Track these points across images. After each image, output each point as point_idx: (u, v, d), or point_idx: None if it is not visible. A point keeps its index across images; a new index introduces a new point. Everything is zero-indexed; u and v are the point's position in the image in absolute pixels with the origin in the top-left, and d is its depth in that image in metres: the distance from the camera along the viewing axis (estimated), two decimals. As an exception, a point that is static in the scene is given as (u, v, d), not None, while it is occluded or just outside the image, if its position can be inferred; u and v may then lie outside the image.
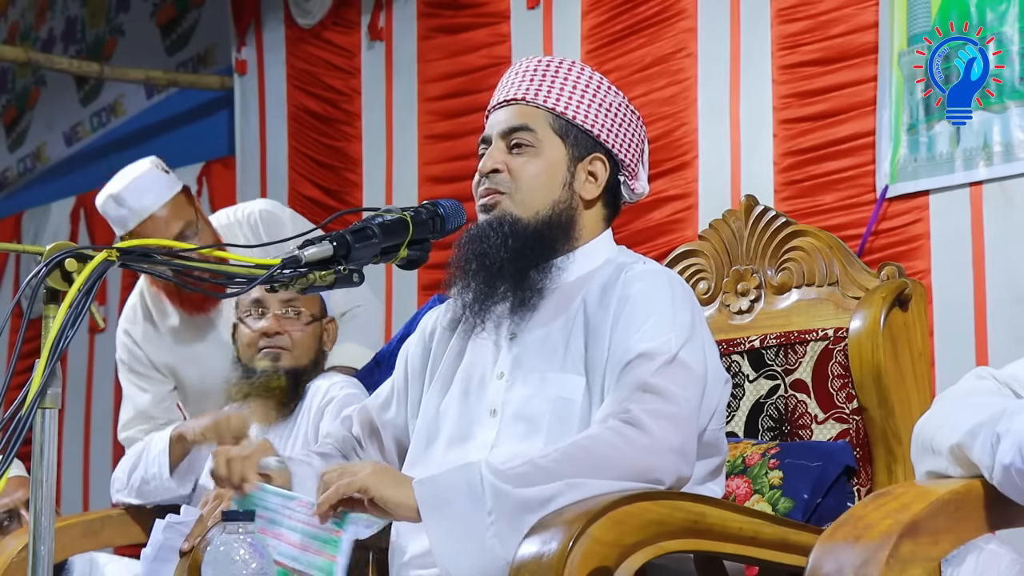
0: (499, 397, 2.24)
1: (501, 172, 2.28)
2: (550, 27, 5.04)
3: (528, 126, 2.29)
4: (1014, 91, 3.66)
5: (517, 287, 2.25)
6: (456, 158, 5.31)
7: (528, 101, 2.31)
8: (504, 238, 2.24)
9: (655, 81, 4.68)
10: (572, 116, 2.29)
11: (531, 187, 2.27)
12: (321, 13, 5.89)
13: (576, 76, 2.32)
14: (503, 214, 2.26)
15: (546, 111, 2.30)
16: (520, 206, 2.27)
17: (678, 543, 2.00)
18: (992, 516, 1.73)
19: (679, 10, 4.64)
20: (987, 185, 3.81)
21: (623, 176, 2.34)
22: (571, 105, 2.30)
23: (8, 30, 7.84)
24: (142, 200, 3.59)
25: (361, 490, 2.00)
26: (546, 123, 2.30)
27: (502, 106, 2.34)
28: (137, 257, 1.84)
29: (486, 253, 2.25)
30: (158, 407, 3.71)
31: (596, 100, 2.31)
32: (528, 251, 2.25)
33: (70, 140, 7.51)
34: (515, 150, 2.29)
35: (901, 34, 3.95)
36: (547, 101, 2.30)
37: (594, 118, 2.30)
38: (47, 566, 1.72)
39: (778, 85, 4.35)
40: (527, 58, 2.38)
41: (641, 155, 2.37)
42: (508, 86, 2.35)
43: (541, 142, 2.29)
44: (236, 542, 1.82)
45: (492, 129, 2.33)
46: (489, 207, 2.28)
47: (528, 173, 2.28)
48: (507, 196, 2.27)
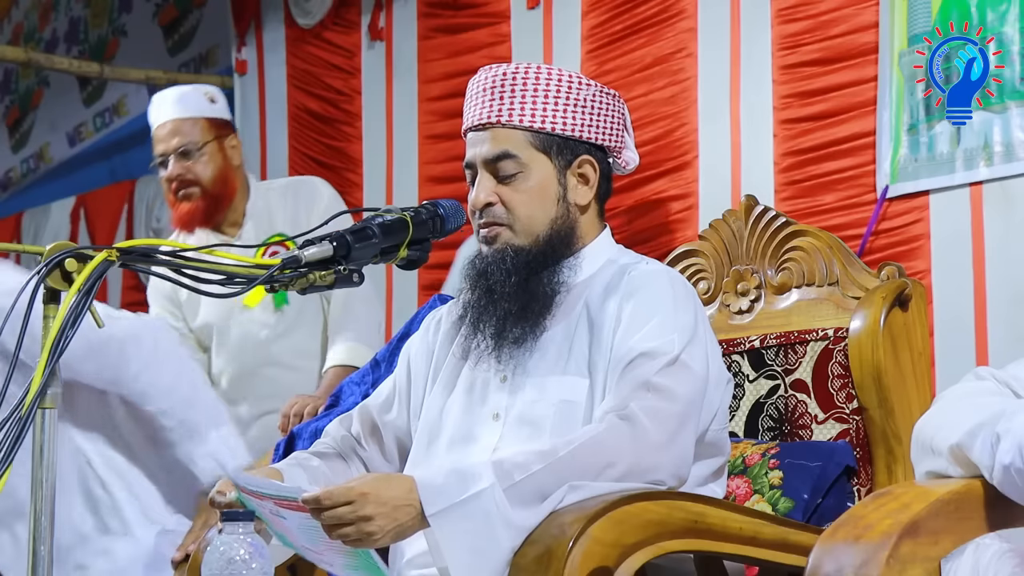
0: (502, 401, 2.24)
1: (495, 204, 2.27)
2: (550, 27, 5.04)
3: (509, 152, 2.27)
4: (1014, 91, 3.66)
5: (526, 304, 2.25)
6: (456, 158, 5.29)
7: (503, 124, 2.28)
8: (508, 274, 2.24)
9: (655, 81, 4.68)
10: (551, 128, 2.27)
11: (528, 214, 2.27)
12: (321, 13, 5.89)
13: (545, 83, 2.28)
14: (504, 247, 2.26)
15: (523, 130, 2.27)
16: (521, 235, 2.27)
17: (678, 543, 2.00)
18: (992, 516, 1.73)
19: (679, 10, 4.64)
20: (987, 185, 3.81)
21: (612, 157, 2.34)
22: (547, 116, 2.27)
23: (12, 31, 7.84)
24: (170, 106, 3.84)
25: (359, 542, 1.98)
26: (527, 143, 2.27)
27: (477, 129, 2.31)
28: (137, 257, 1.84)
29: (492, 289, 2.25)
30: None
31: (570, 101, 2.28)
32: (534, 276, 2.25)
33: (73, 140, 7.51)
34: (504, 181, 2.27)
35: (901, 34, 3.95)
36: (523, 120, 2.27)
37: (572, 121, 2.28)
38: (47, 566, 1.72)
39: (778, 85, 4.35)
40: (488, 69, 2.33)
41: (624, 128, 2.35)
42: (477, 107, 2.31)
43: (527, 165, 2.27)
44: (236, 542, 1.82)
45: (475, 157, 2.31)
46: (491, 239, 2.27)
47: (522, 202, 2.27)
48: (507, 228, 2.27)
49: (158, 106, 3.86)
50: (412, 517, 1.97)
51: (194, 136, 3.79)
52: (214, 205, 3.83)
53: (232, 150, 3.87)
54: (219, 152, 3.83)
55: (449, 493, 1.97)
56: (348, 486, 1.96)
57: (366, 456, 2.38)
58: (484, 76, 2.32)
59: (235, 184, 3.87)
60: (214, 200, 3.82)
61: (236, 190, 3.87)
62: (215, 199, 3.82)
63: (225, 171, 3.83)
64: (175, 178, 3.79)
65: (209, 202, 3.81)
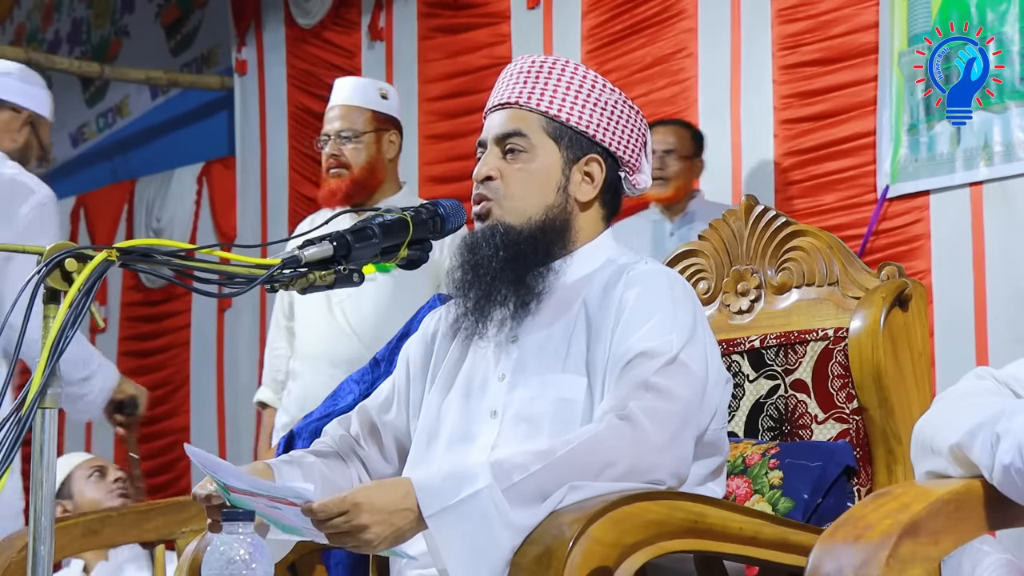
0: (500, 399, 2.24)
1: (495, 179, 2.28)
2: (550, 27, 5.05)
3: (521, 131, 2.28)
4: (1014, 91, 3.66)
5: (515, 292, 2.25)
6: (456, 158, 5.31)
7: (521, 105, 2.30)
8: (496, 249, 2.24)
9: (655, 81, 4.69)
10: (566, 118, 2.29)
11: (523, 194, 2.27)
12: (321, 13, 5.90)
13: (570, 76, 2.31)
14: (495, 223, 2.26)
15: (539, 114, 2.29)
16: (512, 213, 2.27)
17: (678, 543, 2.00)
18: (992, 516, 1.73)
19: (679, 10, 4.64)
20: (987, 185, 3.82)
21: (624, 172, 2.34)
22: (564, 107, 2.29)
23: (14, 32, 7.85)
24: (346, 92, 4.19)
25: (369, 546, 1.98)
26: (539, 127, 2.29)
27: (497, 109, 2.33)
28: (137, 257, 1.84)
29: (479, 264, 2.25)
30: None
31: (591, 100, 2.30)
32: (522, 257, 2.25)
33: (76, 141, 7.52)
34: (509, 156, 2.28)
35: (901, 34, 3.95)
36: (540, 104, 2.29)
37: (588, 118, 2.30)
38: (47, 566, 1.72)
39: (778, 85, 4.36)
40: (522, 57, 2.36)
41: (643, 148, 2.37)
42: (503, 88, 2.34)
43: (534, 147, 2.28)
44: (236, 542, 1.82)
45: (487, 133, 2.32)
46: (482, 215, 2.28)
47: (519, 179, 2.27)
48: (496, 203, 2.27)
49: (337, 90, 4.18)
50: (410, 520, 1.97)
51: (357, 124, 4.08)
52: (357, 189, 4.05)
53: (389, 145, 4.12)
54: (375, 144, 4.09)
55: (446, 494, 1.97)
56: (342, 497, 1.96)
57: (365, 456, 2.38)
58: (518, 63, 2.36)
59: (382, 176, 4.10)
60: (359, 185, 4.06)
61: (382, 182, 4.10)
62: (360, 184, 4.06)
63: (376, 162, 4.08)
64: (330, 156, 4.08)
65: (353, 185, 4.05)
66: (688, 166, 4.46)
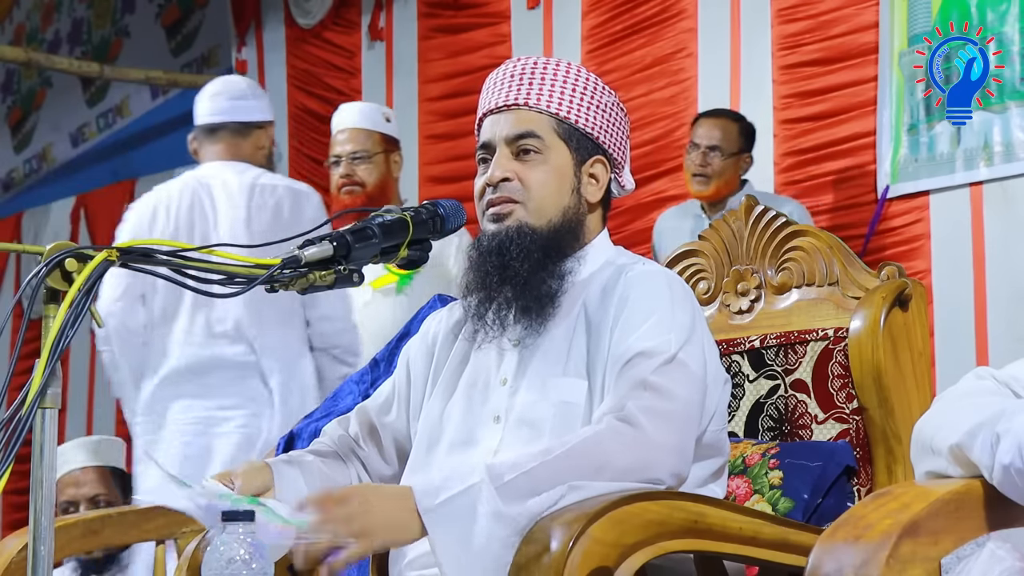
0: (503, 403, 2.23)
1: (512, 181, 2.26)
2: (550, 27, 5.05)
3: (534, 132, 2.26)
4: (1014, 91, 3.66)
5: (529, 295, 2.23)
6: (456, 158, 5.31)
7: (531, 106, 2.27)
8: (525, 251, 2.21)
9: (655, 81, 4.69)
10: (575, 120, 2.28)
11: (543, 195, 2.25)
12: (321, 13, 5.90)
13: (574, 78, 2.30)
14: (519, 224, 2.24)
15: (549, 116, 2.27)
16: (534, 215, 2.24)
17: (678, 543, 1.99)
18: (992, 516, 1.73)
19: (679, 10, 4.64)
20: (987, 185, 3.82)
21: (613, 173, 2.34)
22: (572, 108, 2.28)
23: (14, 32, 7.85)
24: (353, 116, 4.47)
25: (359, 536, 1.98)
26: (550, 128, 2.27)
27: (500, 111, 2.30)
28: (137, 257, 1.84)
29: (507, 266, 2.22)
30: None
31: (594, 102, 2.30)
32: (545, 260, 2.23)
33: (76, 141, 7.52)
34: (522, 157, 2.26)
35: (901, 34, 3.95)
36: (549, 105, 2.27)
37: (593, 120, 2.29)
38: (47, 566, 1.72)
39: (778, 85, 4.36)
40: (515, 59, 2.33)
41: (627, 147, 2.37)
42: (503, 90, 2.31)
43: (548, 148, 2.27)
44: (236, 542, 1.82)
45: (494, 135, 2.29)
46: (502, 216, 2.25)
47: (539, 181, 2.25)
48: (521, 205, 2.24)
49: (343, 114, 4.46)
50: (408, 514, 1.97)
51: (367, 146, 4.37)
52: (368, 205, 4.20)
53: (395, 164, 4.41)
54: (384, 163, 4.39)
55: (441, 492, 1.98)
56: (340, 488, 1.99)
57: (364, 456, 2.37)
58: (510, 65, 2.33)
59: (391, 193, 4.39)
60: (370, 201, 4.30)
61: (391, 199, 4.37)
62: (371, 200, 4.31)
63: (386, 180, 4.38)
64: (343, 176, 4.36)
65: (366, 202, 4.30)
66: (733, 163, 4.33)
